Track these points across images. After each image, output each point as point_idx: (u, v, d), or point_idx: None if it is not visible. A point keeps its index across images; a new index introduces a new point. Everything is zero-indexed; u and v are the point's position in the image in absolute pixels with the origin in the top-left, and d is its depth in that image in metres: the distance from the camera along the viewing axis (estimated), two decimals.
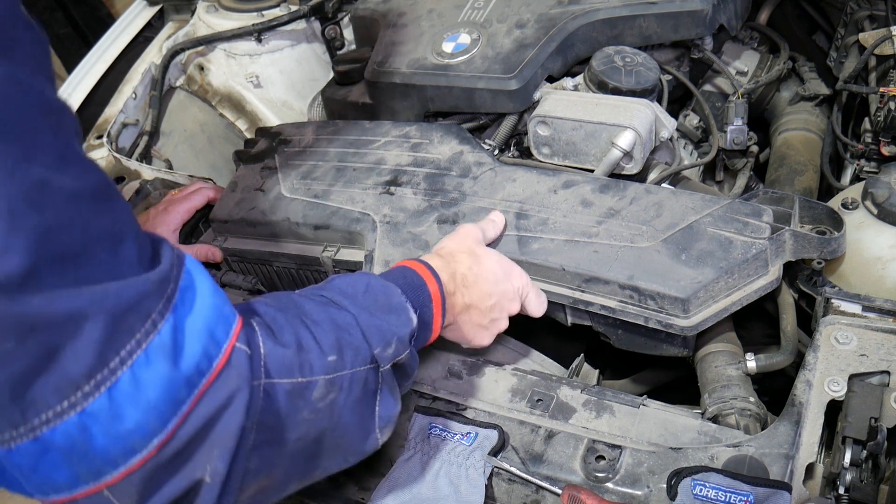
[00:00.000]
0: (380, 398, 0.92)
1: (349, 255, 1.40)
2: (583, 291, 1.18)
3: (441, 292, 1.05)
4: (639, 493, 1.00)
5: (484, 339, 1.15)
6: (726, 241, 1.14)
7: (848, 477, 0.94)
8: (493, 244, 1.23)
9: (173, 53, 1.95)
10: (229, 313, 0.76)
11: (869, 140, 1.43)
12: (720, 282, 1.11)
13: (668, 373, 1.41)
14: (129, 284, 0.69)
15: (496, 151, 1.48)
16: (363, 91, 1.66)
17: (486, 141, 1.50)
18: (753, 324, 1.33)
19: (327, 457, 0.88)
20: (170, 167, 1.88)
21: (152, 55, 1.99)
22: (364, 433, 0.92)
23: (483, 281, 1.11)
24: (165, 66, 1.93)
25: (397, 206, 1.37)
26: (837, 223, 1.17)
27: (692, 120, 1.62)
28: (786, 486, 0.94)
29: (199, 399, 0.70)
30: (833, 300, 1.14)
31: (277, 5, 1.99)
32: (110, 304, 0.67)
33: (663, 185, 1.36)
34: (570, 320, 1.26)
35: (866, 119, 1.46)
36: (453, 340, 1.15)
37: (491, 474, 1.05)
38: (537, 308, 1.19)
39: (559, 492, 1.00)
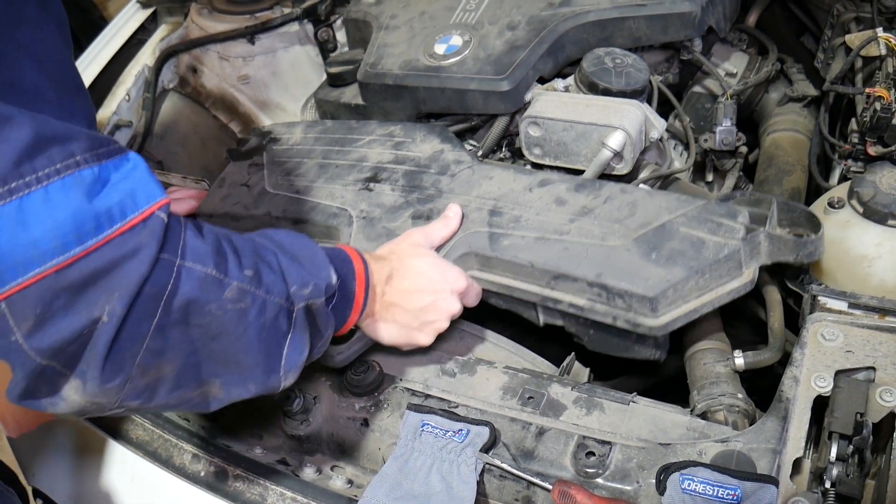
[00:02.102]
0: (290, 339, 0.95)
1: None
2: (552, 289, 1.18)
3: (365, 272, 1.09)
4: (628, 488, 1.01)
5: (419, 339, 1.18)
6: (698, 241, 1.13)
7: (834, 471, 0.95)
8: (451, 239, 1.26)
9: (166, 55, 1.96)
10: (157, 191, 0.81)
11: (856, 140, 1.44)
12: (690, 281, 1.10)
13: (657, 377, 1.42)
14: (61, 124, 0.75)
15: (479, 153, 1.49)
16: (356, 92, 1.67)
17: (470, 141, 1.51)
18: (741, 322, 1.34)
19: (226, 367, 0.90)
20: (162, 168, 1.88)
21: (145, 57, 1.99)
22: (268, 365, 0.94)
23: (409, 281, 1.14)
24: (158, 68, 1.94)
25: (374, 201, 1.38)
26: (815, 226, 1.16)
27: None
28: (773, 481, 0.95)
29: (106, 242, 0.75)
30: (819, 297, 1.15)
31: (270, 8, 2.00)
32: (37, 125, 0.72)
33: (640, 185, 1.37)
34: (542, 319, 1.26)
35: (853, 119, 1.47)
36: (390, 343, 1.18)
37: (482, 471, 1.06)
38: (473, 300, 1.23)
39: (550, 487, 1.01)
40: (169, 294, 0.81)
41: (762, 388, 1.24)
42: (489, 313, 1.31)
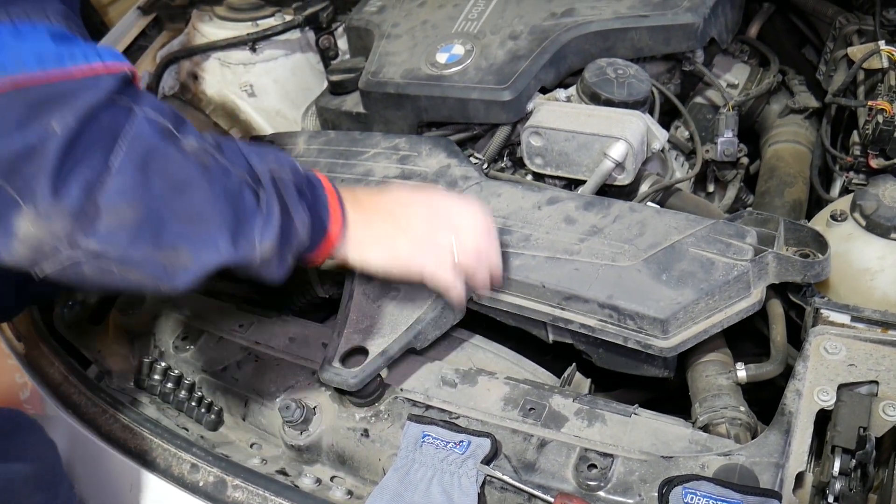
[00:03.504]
0: (259, 212, 0.93)
1: (333, 265, 1.40)
2: (563, 309, 1.18)
3: (333, 184, 1.07)
4: (630, 501, 1.01)
5: (414, 259, 1.08)
6: (708, 262, 1.14)
7: (837, 486, 0.95)
8: None
9: (167, 62, 1.96)
10: (126, 61, 0.88)
11: (857, 153, 1.44)
12: (700, 303, 1.11)
13: (659, 389, 1.41)
14: None
15: (485, 166, 1.49)
16: (357, 101, 1.67)
17: (475, 155, 1.51)
18: (743, 334, 1.33)
19: (193, 225, 0.88)
20: None
21: (146, 64, 1.99)
22: (239, 227, 0.91)
23: (388, 193, 1.11)
24: (159, 74, 1.94)
25: None
26: (822, 246, 1.17)
27: (683, 132, 1.63)
28: (776, 495, 0.94)
29: (66, 74, 0.81)
30: (822, 311, 1.15)
31: (272, 15, 2.00)
32: None
33: (648, 203, 1.37)
34: (551, 338, 1.26)
35: (855, 132, 1.48)
36: (380, 266, 1.08)
37: (483, 483, 1.05)
38: (482, 281, 1.13)
39: (551, 500, 1.00)
40: (125, 133, 0.83)
41: (764, 400, 1.23)
42: (496, 329, 1.31)
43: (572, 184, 1.44)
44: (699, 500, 0.95)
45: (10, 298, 1.41)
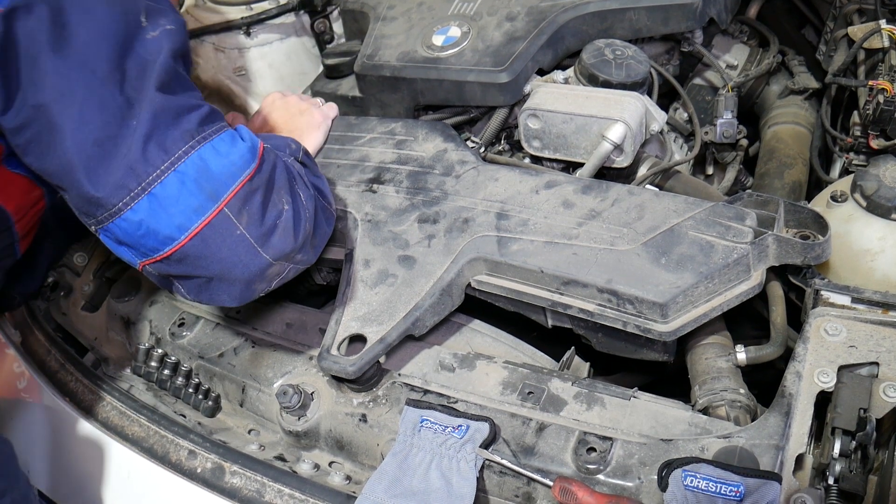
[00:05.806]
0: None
1: (330, 252, 1.40)
2: (561, 294, 1.17)
3: None
4: (630, 484, 1.00)
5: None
6: (707, 245, 1.13)
7: (837, 467, 0.95)
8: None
9: None
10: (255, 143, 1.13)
11: (858, 133, 1.43)
12: (700, 287, 1.10)
13: (658, 372, 1.41)
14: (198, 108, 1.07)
15: (482, 149, 1.48)
16: (353, 84, 1.65)
17: (472, 138, 1.50)
18: (743, 316, 1.33)
19: None
20: None
21: None
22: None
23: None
24: None
25: (379, 204, 1.36)
26: (822, 227, 1.16)
27: (682, 113, 1.62)
28: (776, 477, 0.94)
29: (261, 159, 1.09)
30: (823, 292, 1.14)
31: None
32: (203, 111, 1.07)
33: (647, 185, 1.36)
34: (550, 322, 1.25)
35: (855, 112, 1.47)
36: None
37: (482, 467, 1.05)
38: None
39: (551, 484, 1.00)
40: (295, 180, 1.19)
41: (764, 383, 1.23)
42: (495, 314, 1.31)
43: (570, 166, 1.43)
44: (699, 482, 0.95)
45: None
